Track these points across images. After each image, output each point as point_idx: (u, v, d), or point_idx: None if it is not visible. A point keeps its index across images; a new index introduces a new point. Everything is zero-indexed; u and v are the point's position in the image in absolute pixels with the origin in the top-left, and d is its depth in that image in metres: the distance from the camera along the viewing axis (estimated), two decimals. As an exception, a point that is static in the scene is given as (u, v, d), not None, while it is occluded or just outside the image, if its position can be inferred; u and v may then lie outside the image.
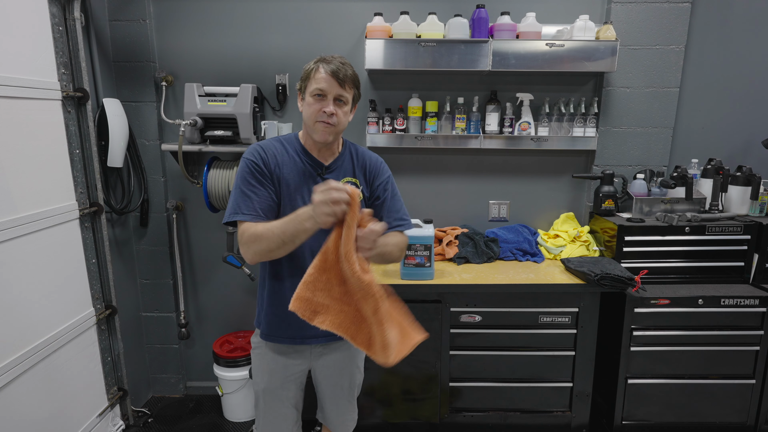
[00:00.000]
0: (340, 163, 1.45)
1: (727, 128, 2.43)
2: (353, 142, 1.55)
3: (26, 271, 1.71)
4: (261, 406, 1.55)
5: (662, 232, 2.12)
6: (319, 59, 1.35)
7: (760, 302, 2.00)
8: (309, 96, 1.34)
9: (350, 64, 1.37)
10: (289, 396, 1.54)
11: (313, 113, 1.34)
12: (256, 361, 1.55)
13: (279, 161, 1.39)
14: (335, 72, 1.31)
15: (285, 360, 1.50)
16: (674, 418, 2.13)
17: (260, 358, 1.53)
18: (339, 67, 1.32)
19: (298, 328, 1.42)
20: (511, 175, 2.49)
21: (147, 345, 2.62)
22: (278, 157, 1.39)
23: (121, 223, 2.41)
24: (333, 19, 2.32)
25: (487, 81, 2.36)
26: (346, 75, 1.33)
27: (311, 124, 1.36)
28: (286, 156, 1.41)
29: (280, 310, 1.41)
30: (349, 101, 1.38)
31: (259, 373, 1.54)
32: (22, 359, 1.68)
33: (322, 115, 1.33)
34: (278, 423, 1.56)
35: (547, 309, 2.06)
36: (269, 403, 1.54)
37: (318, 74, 1.32)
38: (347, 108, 1.38)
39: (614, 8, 2.24)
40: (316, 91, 1.32)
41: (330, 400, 1.61)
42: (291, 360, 1.51)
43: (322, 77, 1.31)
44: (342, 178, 1.44)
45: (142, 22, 2.27)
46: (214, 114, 2.17)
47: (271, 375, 1.51)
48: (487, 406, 2.18)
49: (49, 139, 1.83)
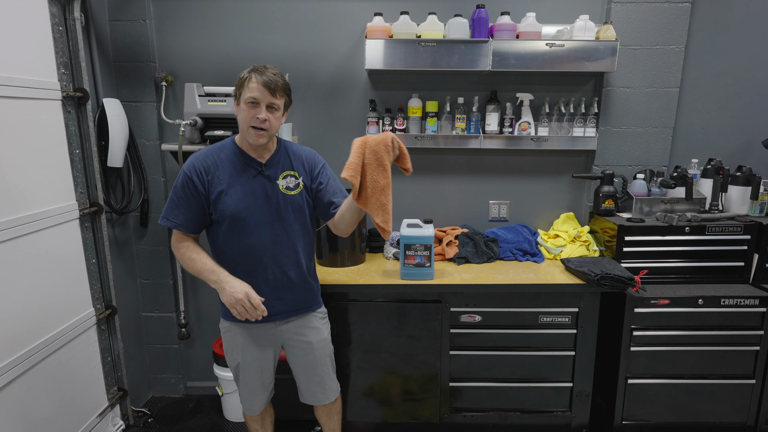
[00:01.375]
0: (277, 160, 1.62)
1: (727, 128, 2.43)
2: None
3: (26, 271, 1.71)
4: (240, 378, 1.76)
5: (662, 232, 2.12)
6: (253, 69, 1.49)
7: (760, 302, 2.00)
8: (243, 103, 1.49)
9: (281, 73, 1.52)
10: (264, 366, 1.74)
11: (247, 119, 1.49)
12: (228, 343, 1.73)
13: (217, 166, 1.56)
14: (267, 83, 1.46)
15: (254, 336, 1.69)
16: (674, 418, 2.13)
17: (232, 339, 1.71)
18: (271, 78, 1.47)
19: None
20: (511, 175, 2.49)
21: (147, 345, 2.62)
22: (216, 162, 1.56)
23: (121, 223, 2.41)
24: (333, 19, 2.32)
25: (487, 81, 2.36)
26: (277, 85, 1.48)
27: (245, 128, 1.51)
28: (224, 158, 1.58)
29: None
30: (281, 107, 1.53)
31: (233, 351, 1.72)
32: (23, 359, 1.68)
33: (255, 120, 1.48)
34: (256, 391, 1.77)
35: (547, 309, 2.06)
36: (246, 374, 1.73)
37: (251, 84, 1.46)
38: (279, 114, 1.54)
39: (614, 8, 2.24)
40: (249, 99, 1.47)
41: (303, 372, 1.79)
42: (259, 335, 1.69)
43: (255, 86, 1.46)
44: (281, 173, 1.62)
45: (142, 22, 2.27)
46: (214, 114, 2.17)
47: (244, 351, 1.70)
48: (487, 406, 2.18)
49: (49, 139, 1.83)
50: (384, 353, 2.10)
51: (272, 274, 1.62)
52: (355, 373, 2.13)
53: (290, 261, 1.64)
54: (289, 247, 1.63)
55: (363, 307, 2.06)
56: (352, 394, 2.16)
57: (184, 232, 1.59)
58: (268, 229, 1.59)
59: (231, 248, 1.59)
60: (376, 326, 2.07)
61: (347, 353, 2.10)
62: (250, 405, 1.80)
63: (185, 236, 1.60)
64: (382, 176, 1.47)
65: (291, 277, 1.65)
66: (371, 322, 2.07)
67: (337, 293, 2.03)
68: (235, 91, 1.53)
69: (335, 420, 1.92)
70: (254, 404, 1.80)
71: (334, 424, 1.93)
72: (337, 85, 2.39)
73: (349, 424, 2.20)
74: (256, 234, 1.58)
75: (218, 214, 1.56)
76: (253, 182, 1.58)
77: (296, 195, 1.63)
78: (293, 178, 1.63)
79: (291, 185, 1.62)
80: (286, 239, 1.62)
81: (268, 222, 1.59)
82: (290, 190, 1.62)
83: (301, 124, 2.42)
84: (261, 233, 1.58)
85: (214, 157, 1.57)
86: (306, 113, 2.41)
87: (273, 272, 1.62)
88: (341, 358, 2.08)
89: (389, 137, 1.47)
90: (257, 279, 1.60)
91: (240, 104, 1.51)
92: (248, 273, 1.59)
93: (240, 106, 1.51)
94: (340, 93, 2.40)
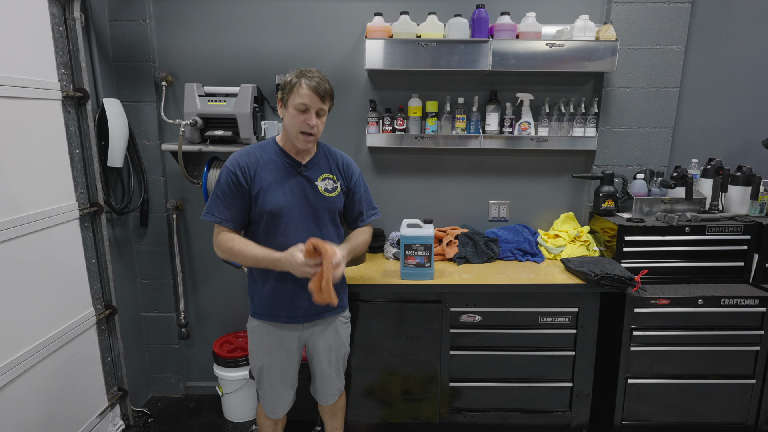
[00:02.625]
0: (316, 162, 1.65)
1: (727, 128, 2.43)
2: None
3: (26, 271, 1.71)
4: (264, 381, 1.74)
5: (662, 232, 2.12)
6: (301, 74, 1.50)
7: (760, 302, 2.00)
8: (292, 108, 1.50)
9: (326, 77, 1.54)
10: (288, 369, 1.73)
11: (297, 125, 1.51)
12: (254, 343, 1.73)
13: (258, 164, 1.58)
14: (316, 88, 1.48)
15: (281, 337, 1.69)
16: (674, 418, 2.13)
17: (258, 339, 1.71)
18: (319, 83, 1.49)
19: (291, 308, 1.65)
20: (511, 175, 2.49)
21: (147, 345, 2.62)
22: (258, 161, 1.58)
23: (121, 223, 2.41)
24: (333, 19, 2.32)
25: (487, 81, 2.36)
26: (326, 90, 1.51)
27: (294, 133, 1.53)
28: (266, 158, 1.60)
29: (274, 292, 1.64)
30: (326, 112, 1.57)
31: (258, 352, 1.72)
32: (23, 359, 1.68)
33: (305, 126, 1.50)
34: (280, 393, 1.75)
35: (547, 309, 2.06)
36: (271, 377, 1.72)
37: (301, 89, 1.47)
38: (325, 118, 1.58)
39: (614, 8, 2.24)
40: (300, 105, 1.48)
41: (320, 372, 1.79)
42: (286, 336, 1.69)
43: (306, 93, 1.47)
44: (319, 175, 1.64)
45: (142, 22, 2.27)
46: (214, 114, 2.17)
47: (270, 353, 1.70)
48: (487, 406, 2.18)
49: (49, 139, 1.83)
50: (384, 353, 2.10)
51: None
52: (355, 373, 2.13)
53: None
54: None
55: (363, 307, 2.06)
56: (353, 394, 2.16)
57: (229, 228, 1.58)
58: (303, 229, 1.60)
59: (269, 245, 1.58)
60: (376, 326, 2.07)
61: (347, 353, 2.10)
62: (273, 407, 1.77)
63: (228, 231, 1.58)
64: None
65: None
66: (371, 321, 2.07)
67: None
68: (281, 95, 1.54)
69: (339, 418, 1.94)
70: (278, 407, 1.77)
71: (337, 422, 1.94)
72: (337, 85, 2.38)
73: (350, 424, 2.20)
74: (292, 233, 1.58)
75: (257, 211, 1.57)
76: (293, 182, 1.59)
77: (335, 197, 1.66)
78: (331, 180, 1.66)
79: (329, 187, 1.65)
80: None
81: (305, 222, 1.60)
82: (329, 192, 1.64)
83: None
84: (297, 232, 1.59)
85: (256, 155, 1.59)
86: (306, 113, 2.41)
87: None
88: (341, 358, 2.09)
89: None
90: (290, 279, 1.60)
91: (288, 109, 1.52)
92: (282, 272, 1.58)
93: (288, 110, 1.52)
94: (340, 93, 2.39)
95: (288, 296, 1.64)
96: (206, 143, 2.22)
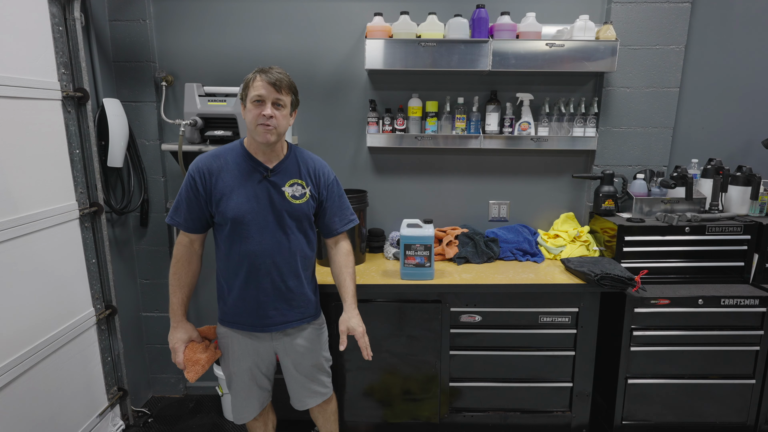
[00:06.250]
0: (284, 167, 1.59)
1: (727, 128, 2.43)
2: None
3: (27, 271, 1.71)
4: (234, 387, 1.73)
5: (662, 232, 2.12)
6: (258, 70, 1.49)
7: (760, 302, 2.00)
8: (249, 103, 1.48)
9: (287, 73, 1.51)
10: (257, 375, 1.71)
11: (253, 118, 1.47)
12: (222, 349, 1.72)
13: (223, 169, 1.54)
14: (271, 80, 1.45)
15: (250, 345, 1.67)
16: (674, 418, 2.13)
17: (227, 346, 1.69)
18: (276, 76, 1.46)
19: (257, 317, 1.62)
20: (511, 175, 2.49)
21: (147, 345, 2.62)
22: (223, 165, 1.55)
23: (121, 223, 2.41)
24: (333, 19, 2.32)
25: (487, 81, 2.36)
26: (282, 82, 1.47)
27: (253, 127, 1.49)
28: (231, 161, 1.56)
29: (240, 300, 1.61)
30: (288, 105, 1.52)
31: (226, 359, 1.70)
32: (23, 359, 1.68)
33: (261, 118, 1.46)
34: (249, 400, 1.73)
35: (547, 309, 2.06)
36: (238, 384, 1.71)
37: (256, 82, 1.46)
38: (286, 111, 1.51)
39: (614, 8, 2.24)
40: (255, 97, 1.46)
41: (289, 376, 1.77)
42: (256, 345, 1.67)
43: (260, 84, 1.46)
44: (287, 180, 1.58)
45: (142, 22, 2.27)
46: (214, 114, 2.17)
47: (238, 360, 1.68)
48: (487, 406, 2.18)
49: (49, 139, 1.83)
50: (384, 353, 2.10)
51: (271, 282, 1.59)
52: (355, 373, 2.13)
53: (290, 270, 1.61)
54: (290, 257, 1.59)
55: (363, 307, 2.04)
56: (352, 394, 2.16)
57: (189, 231, 1.59)
58: (269, 236, 1.56)
59: (233, 253, 1.57)
60: (376, 326, 2.07)
61: (347, 353, 2.09)
62: (240, 413, 1.75)
63: (186, 235, 1.60)
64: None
65: (290, 287, 1.62)
66: (371, 322, 2.06)
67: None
68: (241, 93, 1.52)
69: (331, 421, 1.91)
70: (244, 412, 1.75)
71: (330, 425, 1.91)
72: (337, 85, 2.39)
73: (349, 424, 2.20)
74: (258, 240, 1.55)
75: (220, 217, 1.54)
76: (258, 187, 1.54)
77: (302, 204, 1.59)
78: (300, 186, 1.59)
79: (297, 194, 1.58)
80: (288, 248, 1.59)
81: (270, 229, 1.56)
82: (296, 198, 1.58)
83: (301, 124, 2.42)
84: (262, 240, 1.55)
85: (221, 158, 1.55)
86: (306, 113, 2.41)
87: (272, 280, 1.59)
88: (341, 358, 2.08)
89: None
90: (256, 287, 1.58)
91: (246, 105, 1.49)
92: (247, 280, 1.58)
93: (246, 107, 1.49)
94: (340, 93, 2.40)
95: (253, 304, 1.61)
96: (206, 143, 2.22)
